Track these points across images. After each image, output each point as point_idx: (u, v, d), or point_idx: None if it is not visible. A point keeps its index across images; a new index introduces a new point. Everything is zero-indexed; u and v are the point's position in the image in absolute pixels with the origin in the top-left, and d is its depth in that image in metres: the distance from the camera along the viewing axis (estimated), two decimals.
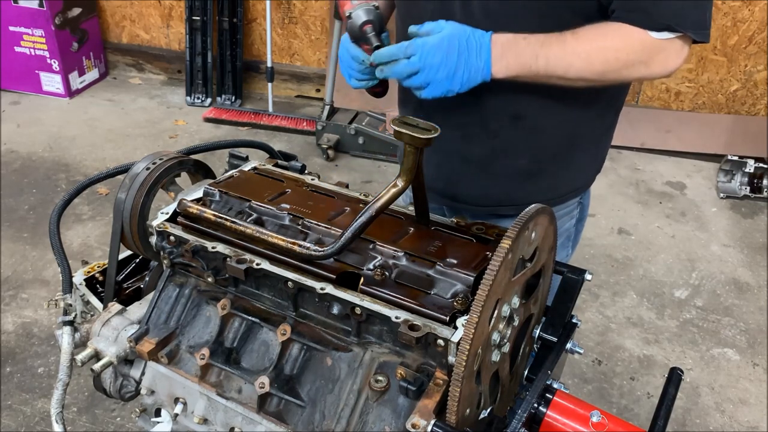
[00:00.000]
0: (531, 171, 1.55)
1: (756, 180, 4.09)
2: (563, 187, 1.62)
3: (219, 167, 1.47)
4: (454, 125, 1.46)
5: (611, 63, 1.31)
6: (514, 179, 1.56)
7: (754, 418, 2.74)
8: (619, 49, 1.30)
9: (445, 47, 1.25)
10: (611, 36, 1.30)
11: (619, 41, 1.30)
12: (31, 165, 4.11)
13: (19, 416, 2.54)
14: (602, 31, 1.31)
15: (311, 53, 5.04)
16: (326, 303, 1.11)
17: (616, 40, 1.30)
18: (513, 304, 1.07)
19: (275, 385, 1.12)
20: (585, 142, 1.57)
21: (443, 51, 1.25)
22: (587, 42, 1.30)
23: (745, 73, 4.36)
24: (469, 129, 1.49)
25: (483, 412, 1.07)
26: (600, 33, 1.31)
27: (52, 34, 4.69)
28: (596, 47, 1.30)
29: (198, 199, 1.30)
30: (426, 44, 1.26)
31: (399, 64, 1.28)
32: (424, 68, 1.26)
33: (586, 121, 1.52)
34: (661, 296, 3.35)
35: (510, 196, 1.58)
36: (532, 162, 1.54)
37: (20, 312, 3.02)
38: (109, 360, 1.25)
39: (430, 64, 1.25)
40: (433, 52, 1.25)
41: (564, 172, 1.59)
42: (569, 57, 1.30)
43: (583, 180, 1.66)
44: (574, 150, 1.57)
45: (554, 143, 1.53)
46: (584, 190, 1.68)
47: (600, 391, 2.80)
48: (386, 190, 1.10)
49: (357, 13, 1.34)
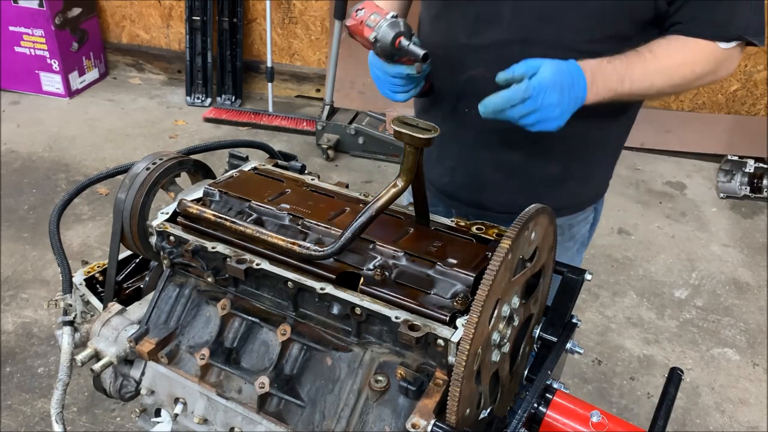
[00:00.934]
0: (561, 177, 1.55)
1: (756, 180, 4.09)
2: (586, 193, 1.64)
3: (219, 167, 1.47)
4: (492, 131, 1.45)
5: (687, 77, 1.35)
6: (543, 185, 1.56)
7: (754, 418, 2.74)
8: (695, 63, 1.34)
9: (558, 86, 1.23)
10: (685, 51, 1.34)
11: (693, 56, 1.34)
12: (31, 165, 4.11)
13: (19, 416, 2.54)
14: (675, 47, 1.33)
15: (311, 53, 5.04)
16: (326, 303, 1.11)
17: (690, 55, 1.34)
18: (513, 304, 1.07)
19: (275, 385, 1.12)
20: (610, 149, 1.60)
21: (557, 90, 1.23)
22: (665, 59, 1.33)
23: (745, 73, 4.36)
24: (509, 135, 1.43)
25: (483, 412, 1.07)
26: (674, 49, 1.33)
27: (52, 34, 4.70)
28: (674, 64, 1.33)
29: (198, 199, 1.30)
30: (542, 85, 1.22)
31: (514, 109, 1.24)
32: (541, 108, 1.23)
33: (613, 127, 1.54)
34: (661, 296, 3.35)
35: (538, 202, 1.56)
36: (563, 168, 1.54)
37: (20, 312, 3.02)
38: (109, 360, 1.24)
39: (548, 104, 1.23)
40: (550, 93, 1.23)
41: (589, 177, 1.62)
42: (651, 76, 1.33)
43: (602, 185, 1.68)
44: (600, 156, 1.59)
45: (585, 149, 1.54)
46: (602, 195, 1.69)
47: (600, 391, 2.80)
48: (386, 190, 1.10)
49: (383, 32, 1.26)
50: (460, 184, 1.60)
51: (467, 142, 1.54)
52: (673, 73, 1.34)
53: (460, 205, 1.62)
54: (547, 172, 1.54)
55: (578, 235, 1.68)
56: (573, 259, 1.70)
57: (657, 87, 1.35)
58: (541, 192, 1.55)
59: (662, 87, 1.36)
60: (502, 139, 1.48)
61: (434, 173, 1.61)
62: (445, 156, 1.59)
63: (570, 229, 1.65)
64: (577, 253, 1.72)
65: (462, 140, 1.54)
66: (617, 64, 1.30)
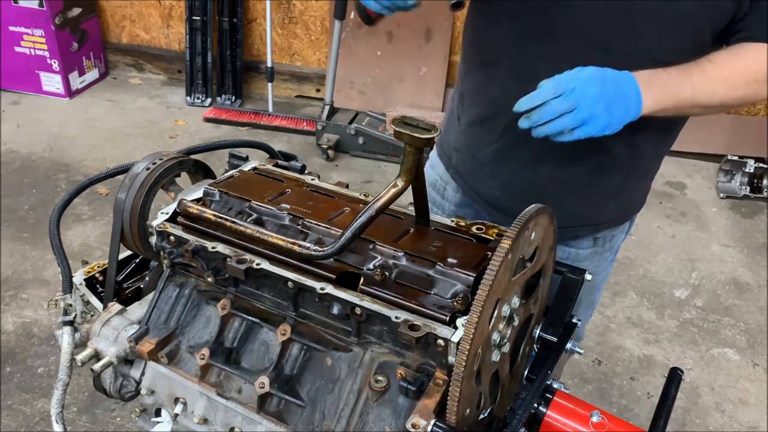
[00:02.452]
0: (619, 189, 1.51)
1: (756, 180, 4.09)
2: (634, 204, 1.61)
3: (219, 167, 1.47)
4: (556, 144, 1.30)
5: (750, 85, 1.28)
6: (603, 198, 1.51)
7: (754, 418, 2.74)
8: (758, 70, 1.27)
9: (599, 79, 1.16)
10: (747, 58, 1.27)
11: (755, 62, 1.27)
12: (31, 165, 4.11)
13: (19, 416, 2.54)
14: (735, 54, 1.28)
15: (311, 53, 5.04)
16: (326, 303, 1.11)
17: (752, 62, 1.27)
18: (513, 304, 1.07)
19: (275, 385, 1.12)
20: (659, 160, 1.56)
21: (598, 83, 1.15)
22: (726, 67, 1.27)
23: None
24: (574, 148, 1.30)
25: (483, 412, 1.07)
26: (734, 56, 1.28)
27: (52, 34, 4.69)
28: (735, 71, 1.27)
29: (198, 199, 1.30)
30: (579, 78, 1.15)
31: (550, 105, 1.15)
32: (581, 103, 1.15)
33: (669, 139, 1.51)
34: (661, 296, 3.35)
35: (591, 215, 1.53)
36: (624, 180, 1.50)
37: (20, 312, 3.02)
38: (109, 360, 1.24)
39: (588, 96, 1.14)
40: (589, 85, 1.15)
41: (640, 189, 1.58)
42: (712, 83, 1.26)
43: (645, 197, 1.64)
44: (654, 167, 1.56)
45: (644, 161, 1.50)
46: (642, 206, 1.65)
47: (600, 391, 2.80)
48: (386, 190, 1.10)
49: None
50: (515, 197, 1.51)
51: (527, 157, 1.46)
52: (735, 81, 1.28)
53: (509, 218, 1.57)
54: (608, 185, 1.48)
55: (616, 245, 1.66)
56: (607, 268, 1.68)
57: (719, 96, 1.28)
58: (600, 204, 1.52)
59: (724, 96, 1.28)
60: (567, 153, 1.37)
61: (484, 186, 1.55)
62: (501, 171, 1.51)
63: (611, 240, 1.62)
64: (611, 263, 1.69)
65: (521, 155, 1.46)
66: (674, 72, 1.24)
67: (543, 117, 1.18)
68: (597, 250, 1.60)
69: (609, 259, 1.66)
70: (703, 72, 1.26)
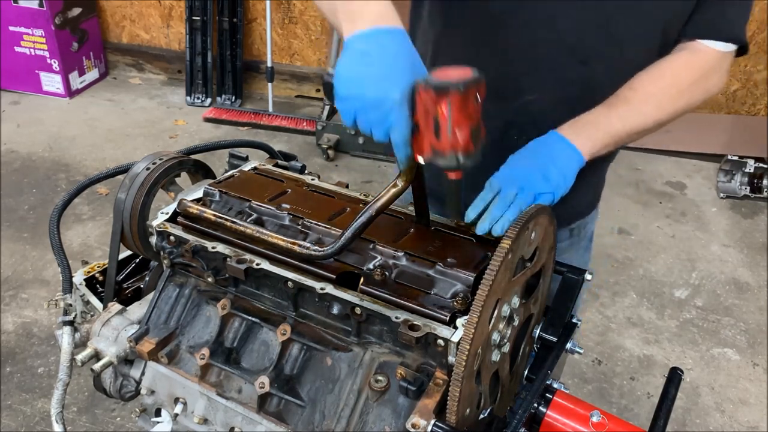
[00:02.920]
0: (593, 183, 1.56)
1: (756, 180, 4.09)
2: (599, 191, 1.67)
3: (219, 167, 1.47)
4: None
5: (677, 99, 1.32)
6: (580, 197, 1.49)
7: (754, 418, 2.74)
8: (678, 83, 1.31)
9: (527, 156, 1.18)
10: (661, 75, 1.30)
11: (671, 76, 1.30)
12: (31, 165, 4.11)
13: (19, 416, 2.54)
14: (652, 74, 1.30)
15: (311, 53, 5.04)
16: (326, 303, 1.11)
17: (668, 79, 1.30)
18: (513, 304, 1.07)
19: (275, 385, 1.12)
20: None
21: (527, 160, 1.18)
22: (647, 88, 1.29)
23: (745, 73, 4.36)
24: None
25: (483, 412, 1.07)
26: (652, 76, 1.30)
27: (52, 34, 4.70)
28: (658, 90, 1.30)
29: (198, 199, 1.29)
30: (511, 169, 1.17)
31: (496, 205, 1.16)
32: (523, 186, 1.18)
33: None
34: (661, 296, 3.35)
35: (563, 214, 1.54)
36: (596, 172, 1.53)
37: (20, 312, 3.02)
38: (109, 360, 1.24)
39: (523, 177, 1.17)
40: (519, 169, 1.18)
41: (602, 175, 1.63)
42: (641, 107, 1.29)
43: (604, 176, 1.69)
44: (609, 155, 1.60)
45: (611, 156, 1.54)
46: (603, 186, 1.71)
47: (600, 391, 2.81)
48: (386, 190, 1.10)
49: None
50: None
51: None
52: (661, 100, 1.31)
53: None
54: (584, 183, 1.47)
55: (589, 231, 1.70)
56: (584, 255, 1.72)
57: (652, 117, 1.31)
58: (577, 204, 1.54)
59: (657, 116, 1.32)
60: None
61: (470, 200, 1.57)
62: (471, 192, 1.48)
63: (585, 227, 1.67)
64: (587, 250, 1.73)
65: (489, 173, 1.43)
66: (598, 111, 1.27)
67: (495, 215, 1.16)
68: (573, 241, 1.64)
69: (585, 247, 1.71)
70: (627, 102, 1.29)
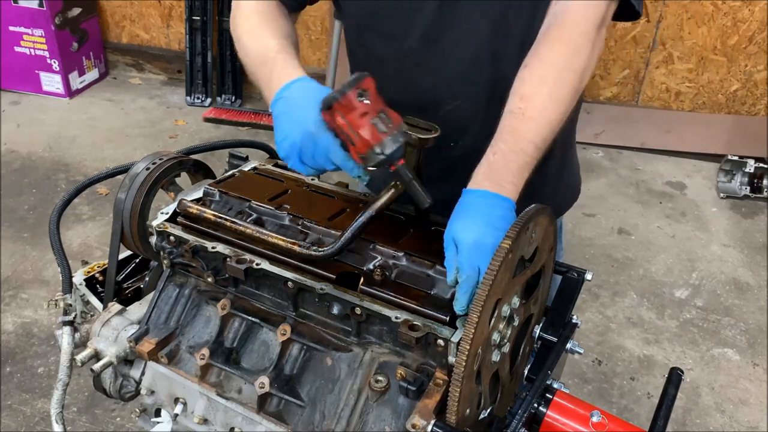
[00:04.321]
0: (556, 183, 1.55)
1: (756, 180, 4.09)
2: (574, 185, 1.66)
3: (219, 167, 1.47)
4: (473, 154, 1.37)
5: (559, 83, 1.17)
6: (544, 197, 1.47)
7: (754, 418, 2.74)
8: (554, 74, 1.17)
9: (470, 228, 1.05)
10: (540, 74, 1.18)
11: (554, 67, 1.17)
12: (31, 165, 4.11)
13: (19, 416, 2.54)
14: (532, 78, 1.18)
15: (311, 53, 5.04)
16: (326, 303, 1.11)
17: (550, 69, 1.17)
18: (513, 304, 1.07)
19: (275, 385, 1.12)
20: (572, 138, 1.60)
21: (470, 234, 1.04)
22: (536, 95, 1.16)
23: (745, 73, 4.36)
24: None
25: (483, 412, 1.07)
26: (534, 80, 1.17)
27: (52, 34, 4.69)
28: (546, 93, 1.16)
29: (198, 199, 1.30)
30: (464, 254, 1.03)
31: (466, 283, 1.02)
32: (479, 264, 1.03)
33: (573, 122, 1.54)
34: (661, 296, 3.35)
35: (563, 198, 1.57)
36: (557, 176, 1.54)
37: (20, 312, 3.02)
38: (109, 360, 1.24)
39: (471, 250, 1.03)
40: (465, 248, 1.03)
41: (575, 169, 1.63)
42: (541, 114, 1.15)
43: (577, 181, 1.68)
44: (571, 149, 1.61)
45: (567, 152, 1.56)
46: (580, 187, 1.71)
47: (600, 391, 2.80)
48: (386, 190, 1.10)
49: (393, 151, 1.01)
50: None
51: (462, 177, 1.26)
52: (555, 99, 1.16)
53: None
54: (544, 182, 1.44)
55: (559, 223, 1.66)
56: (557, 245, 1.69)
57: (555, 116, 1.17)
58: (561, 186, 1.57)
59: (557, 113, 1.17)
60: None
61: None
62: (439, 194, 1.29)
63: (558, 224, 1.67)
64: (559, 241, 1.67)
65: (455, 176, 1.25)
66: (493, 145, 1.14)
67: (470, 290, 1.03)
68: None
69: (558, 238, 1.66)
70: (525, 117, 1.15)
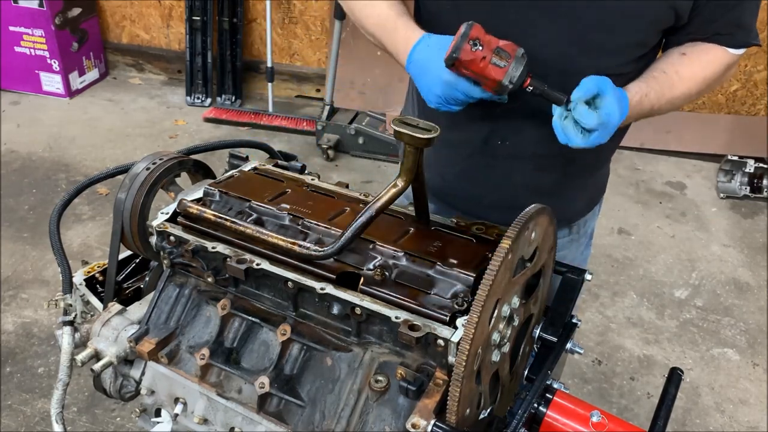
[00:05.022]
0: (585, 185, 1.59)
1: (756, 180, 4.09)
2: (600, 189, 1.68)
3: (219, 167, 1.47)
4: (530, 158, 1.45)
5: (701, 87, 1.40)
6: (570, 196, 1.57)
7: (754, 418, 2.74)
8: (707, 72, 1.38)
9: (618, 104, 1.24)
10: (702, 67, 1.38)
11: (706, 66, 1.38)
12: (31, 165, 4.11)
13: (19, 416, 2.54)
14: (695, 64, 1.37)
15: (311, 53, 5.04)
16: (326, 303, 1.11)
17: (699, 67, 1.38)
18: (513, 304, 1.07)
19: (275, 385, 1.12)
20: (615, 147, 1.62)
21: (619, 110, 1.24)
22: (690, 79, 1.37)
23: (745, 73, 4.36)
24: (548, 159, 1.45)
25: (483, 412, 1.07)
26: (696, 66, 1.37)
27: (52, 34, 4.69)
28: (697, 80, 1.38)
29: (198, 199, 1.30)
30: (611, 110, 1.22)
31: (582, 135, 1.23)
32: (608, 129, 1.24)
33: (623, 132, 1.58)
34: (661, 296, 3.35)
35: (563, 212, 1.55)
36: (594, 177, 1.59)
37: (20, 312, 3.02)
38: (109, 360, 1.25)
39: (614, 125, 1.25)
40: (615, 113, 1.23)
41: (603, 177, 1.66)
42: (677, 92, 1.37)
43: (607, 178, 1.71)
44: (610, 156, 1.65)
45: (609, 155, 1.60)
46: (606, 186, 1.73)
47: (600, 391, 2.80)
48: (386, 190, 1.10)
49: (519, 76, 1.20)
50: (491, 205, 1.53)
51: (501, 172, 1.51)
52: (692, 88, 1.38)
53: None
54: (576, 185, 1.56)
55: (590, 229, 1.72)
56: (584, 252, 1.74)
57: (679, 102, 1.40)
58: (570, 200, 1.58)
59: (682, 101, 1.40)
60: (541, 164, 1.47)
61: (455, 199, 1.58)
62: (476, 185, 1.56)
63: (584, 225, 1.68)
64: (587, 247, 1.75)
65: (494, 171, 1.51)
66: (645, 89, 1.32)
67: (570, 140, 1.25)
68: (573, 237, 1.66)
69: (585, 243, 1.74)
70: (672, 87, 1.36)
